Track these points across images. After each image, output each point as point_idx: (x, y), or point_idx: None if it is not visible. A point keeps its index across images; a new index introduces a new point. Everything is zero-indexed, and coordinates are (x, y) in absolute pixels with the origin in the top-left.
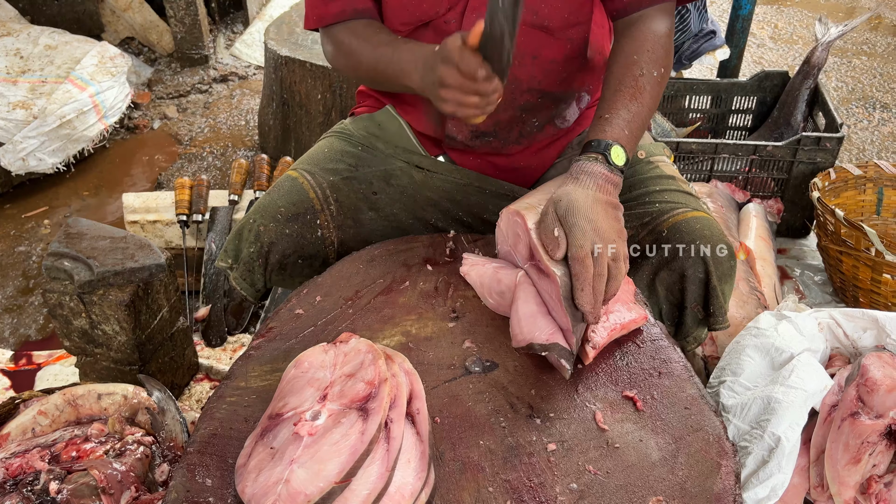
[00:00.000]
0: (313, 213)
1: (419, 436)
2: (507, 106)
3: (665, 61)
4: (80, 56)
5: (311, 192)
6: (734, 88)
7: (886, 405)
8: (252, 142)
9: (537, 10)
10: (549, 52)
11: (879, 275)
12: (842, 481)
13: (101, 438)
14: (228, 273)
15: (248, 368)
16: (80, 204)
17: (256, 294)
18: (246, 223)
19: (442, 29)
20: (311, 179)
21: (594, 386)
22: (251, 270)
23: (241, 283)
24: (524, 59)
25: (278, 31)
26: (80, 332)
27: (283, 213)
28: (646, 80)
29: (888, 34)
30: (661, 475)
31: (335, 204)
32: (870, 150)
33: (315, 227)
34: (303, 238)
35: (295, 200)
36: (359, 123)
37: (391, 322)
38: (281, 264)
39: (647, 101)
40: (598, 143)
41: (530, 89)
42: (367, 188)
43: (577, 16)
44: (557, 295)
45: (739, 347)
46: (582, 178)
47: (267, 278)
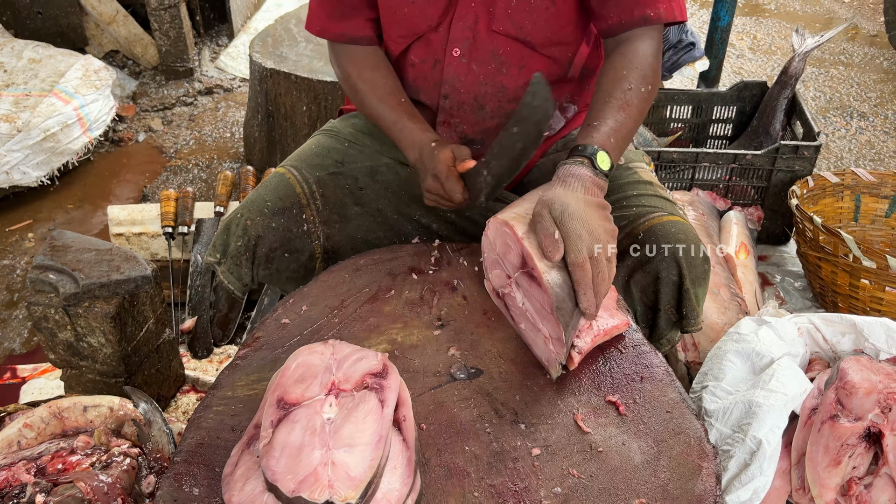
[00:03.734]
0: (299, 208)
1: (405, 442)
2: (494, 114)
3: (652, 79)
4: (64, 69)
5: (298, 188)
6: (714, 98)
7: (865, 408)
8: (237, 154)
9: (521, 24)
10: (534, 64)
11: (857, 280)
12: (822, 483)
13: (87, 451)
14: (216, 268)
15: (234, 378)
16: (64, 217)
17: (244, 289)
18: (233, 217)
19: (432, 41)
20: (298, 175)
21: (578, 391)
22: (238, 264)
23: (228, 278)
24: (511, 69)
25: (263, 44)
26: (65, 344)
27: (269, 207)
28: (633, 95)
29: (865, 44)
30: (643, 478)
31: (321, 199)
32: (848, 158)
33: (301, 220)
34: (289, 232)
35: (281, 195)
36: (347, 121)
37: (377, 330)
38: (268, 258)
39: (633, 114)
40: (585, 148)
41: (517, 98)
42: (352, 183)
43: (560, 36)
44: (550, 305)
45: (721, 353)
46: (570, 181)
47: (254, 272)
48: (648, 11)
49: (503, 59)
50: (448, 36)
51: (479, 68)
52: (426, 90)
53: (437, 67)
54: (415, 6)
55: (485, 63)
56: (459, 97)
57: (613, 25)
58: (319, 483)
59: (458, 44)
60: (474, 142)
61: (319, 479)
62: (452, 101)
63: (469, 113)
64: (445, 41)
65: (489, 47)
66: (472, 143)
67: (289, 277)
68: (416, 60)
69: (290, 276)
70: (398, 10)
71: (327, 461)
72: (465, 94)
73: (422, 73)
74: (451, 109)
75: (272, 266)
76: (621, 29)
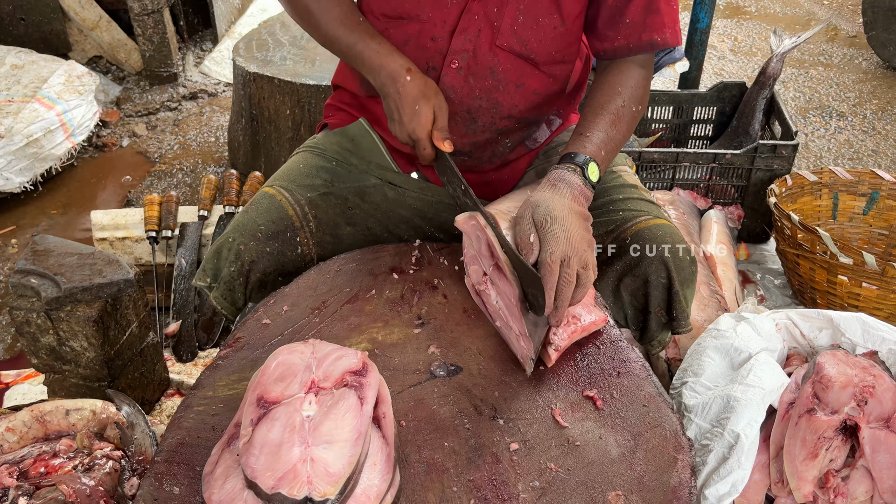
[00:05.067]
0: (293, 231)
1: (385, 439)
2: (485, 129)
3: (643, 100)
4: (47, 75)
5: (290, 210)
6: (694, 99)
7: (841, 401)
8: (222, 158)
9: (527, 41)
10: (533, 82)
11: (835, 276)
12: (800, 476)
13: (69, 454)
14: (207, 292)
15: (215, 378)
16: (48, 223)
17: (236, 312)
18: (224, 242)
19: (426, 44)
20: (290, 196)
21: (556, 386)
22: (232, 290)
23: (221, 303)
24: (508, 87)
25: (247, 48)
26: (47, 349)
27: (262, 231)
28: (625, 112)
29: (844, 45)
30: (619, 471)
31: (314, 220)
32: (826, 157)
33: (295, 244)
34: (283, 256)
35: (274, 218)
36: (332, 138)
37: (357, 330)
38: (262, 282)
39: (623, 129)
40: (577, 156)
41: (510, 116)
42: (343, 204)
43: (564, 54)
44: (515, 297)
45: (700, 349)
46: (559, 187)
47: (247, 296)
48: (656, 37)
49: (500, 77)
50: (448, 46)
51: (476, 83)
52: None
53: (431, 75)
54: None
55: (482, 78)
56: (452, 108)
57: (619, 48)
58: (298, 479)
59: (458, 56)
60: (462, 153)
61: (298, 476)
62: None
63: (460, 125)
64: (445, 51)
65: (488, 63)
66: (461, 155)
67: None
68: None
69: None
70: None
71: (306, 458)
72: (458, 106)
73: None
74: None
75: (265, 290)
76: (627, 52)
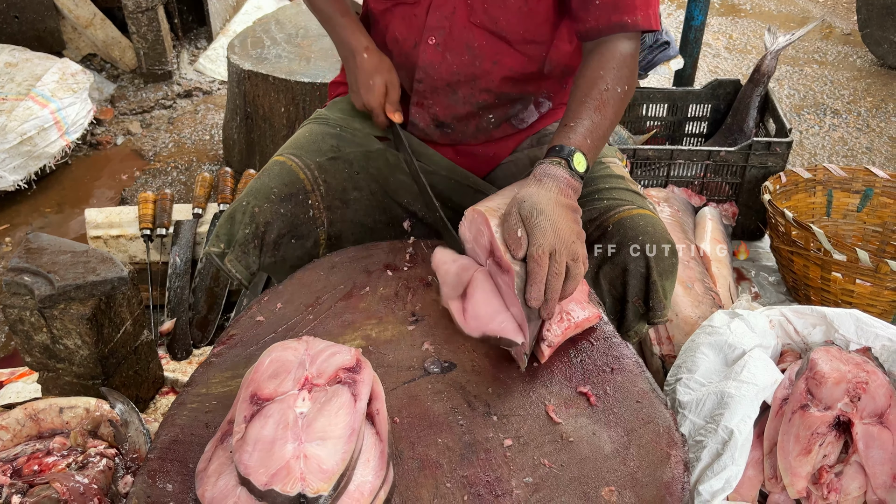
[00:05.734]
0: (305, 193)
1: (378, 435)
2: (465, 101)
3: (629, 80)
4: (40, 73)
5: (301, 174)
6: (689, 97)
7: (834, 397)
8: (217, 156)
9: (496, 19)
10: (508, 60)
11: (829, 273)
12: (794, 472)
13: (63, 452)
14: (220, 259)
15: (209, 375)
16: (42, 221)
17: (250, 277)
18: (238, 206)
19: (412, 20)
20: (300, 161)
21: (549, 383)
22: (246, 252)
23: (236, 266)
24: (484, 63)
25: (241, 46)
26: (41, 347)
27: (276, 193)
28: (610, 96)
29: (838, 43)
30: (613, 466)
31: (324, 185)
32: (821, 154)
33: (307, 206)
34: (296, 218)
35: (287, 181)
36: (334, 107)
37: (351, 327)
38: (276, 244)
39: (609, 114)
40: (562, 149)
41: (488, 90)
42: (349, 168)
43: (535, 35)
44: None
45: (694, 345)
46: (545, 181)
47: (262, 260)
48: (626, 18)
49: (477, 53)
50: (425, 23)
51: (453, 58)
52: (405, 69)
53: (416, 50)
54: None
55: (459, 54)
56: (433, 83)
57: (591, 29)
58: (292, 476)
59: (434, 32)
60: (445, 125)
61: (292, 473)
62: (426, 85)
63: (442, 97)
64: (422, 27)
65: (464, 39)
66: (444, 127)
67: (292, 266)
68: (399, 37)
69: (294, 265)
70: None
71: (300, 454)
72: (438, 81)
73: (403, 51)
74: (425, 92)
75: (279, 253)
76: (598, 34)
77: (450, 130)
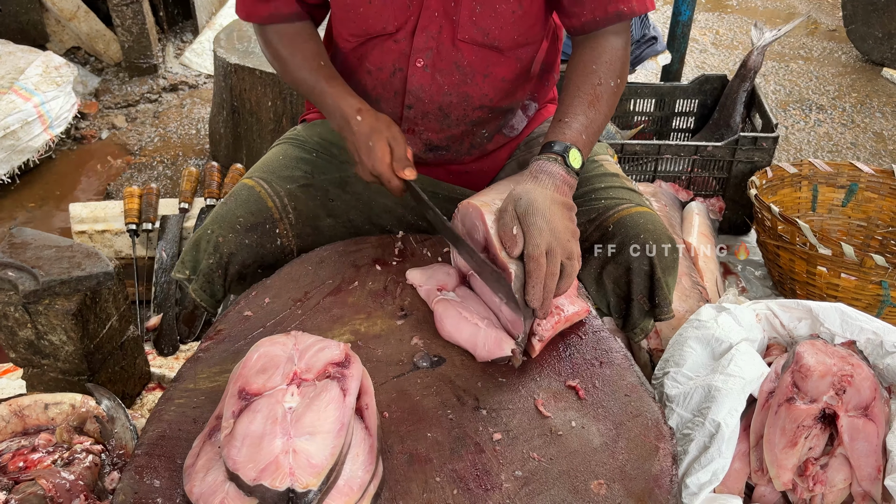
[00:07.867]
0: (272, 223)
1: (368, 430)
2: (459, 122)
3: (622, 73)
4: (24, 66)
5: (270, 202)
6: (676, 92)
7: (819, 390)
8: (203, 150)
9: (488, 30)
10: (500, 70)
11: (814, 267)
12: (780, 464)
13: (48, 448)
14: (186, 284)
15: (196, 370)
16: (25, 216)
17: (216, 305)
18: (203, 234)
19: (390, 47)
20: (269, 188)
21: (539, 377)
22: (211, 282)
23: (200, 295)
24: (475, 78)
25: (228, 39)
26: (25, 343)
27: (241, 223)
28: (603, 90)
29: (824, 39)
30: (602, 460)
31: (294, 212)
32: (807, 149)
33: (274, 235)
34: (262, 248)
35: (253, 210)
36: (312, 129)
37: (340, 321)
38: (241, 275)
39: (603, 109)
40: (558, 145)
41: (482, 106)
42: (323, 195)
43: (527, 37)
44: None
45: (682, 339)
46: (541, 178)
47: (227, 289)
48: (622, 7)
49: (467, 70)
50: (411, 46)
51: (443, 79)
52: (386, 98)
53: (398, 76)
54: (371, 7)
55: (448, 74)
56: (424, 107)
57: (587, 23)
58: (280, 471)
59: (422, 54)
60: (439, 148)
61: (280, 467)
62: (417, 111)
63: (434, 121)
64: (408, 51)
65: (453, 58)
66: (438, 150)
67: None
68: (372, 68)
69: None
70: (352, 9)
71: (288, 449)
72: (429, 105)
73: (380, 81)
74: (416, 119)
75: (245, 282)
76: (595, 26)
77: (444, 152)
